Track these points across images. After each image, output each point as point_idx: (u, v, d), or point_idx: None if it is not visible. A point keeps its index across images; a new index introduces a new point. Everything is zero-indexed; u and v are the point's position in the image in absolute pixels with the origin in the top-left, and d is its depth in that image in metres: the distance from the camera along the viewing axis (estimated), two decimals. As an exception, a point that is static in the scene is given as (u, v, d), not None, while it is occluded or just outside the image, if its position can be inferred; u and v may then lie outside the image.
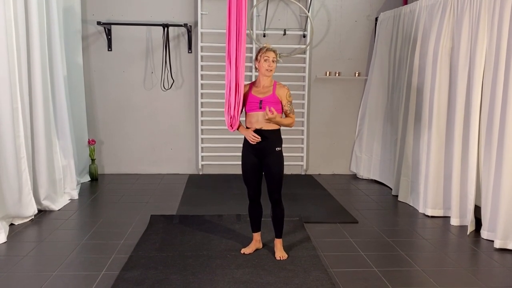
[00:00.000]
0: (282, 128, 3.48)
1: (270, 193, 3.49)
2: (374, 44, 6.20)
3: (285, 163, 3.51)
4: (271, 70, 3.40)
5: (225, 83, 3.49)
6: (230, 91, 3.43)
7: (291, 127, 3.52)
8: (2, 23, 3.86)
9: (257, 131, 3.40)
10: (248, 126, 3.45)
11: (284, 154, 3.50)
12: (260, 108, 3.37)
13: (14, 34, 4.04)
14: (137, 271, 3.24)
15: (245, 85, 3.50)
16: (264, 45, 3.43)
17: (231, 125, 3.49)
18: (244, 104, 3.48)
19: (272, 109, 3.29)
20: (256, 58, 3.43)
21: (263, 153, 3.43)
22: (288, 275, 3.23)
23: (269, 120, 3.33)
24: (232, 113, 3.45)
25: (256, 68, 3.46)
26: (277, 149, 3.45)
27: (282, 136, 3.48)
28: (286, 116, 3.49)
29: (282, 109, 3.44)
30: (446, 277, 3.28)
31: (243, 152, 3.53)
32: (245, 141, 3.50)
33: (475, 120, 4.14)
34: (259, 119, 3.39)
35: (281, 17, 6.28)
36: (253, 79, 5.60)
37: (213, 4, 6.13)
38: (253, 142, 3.37)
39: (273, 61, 3.39)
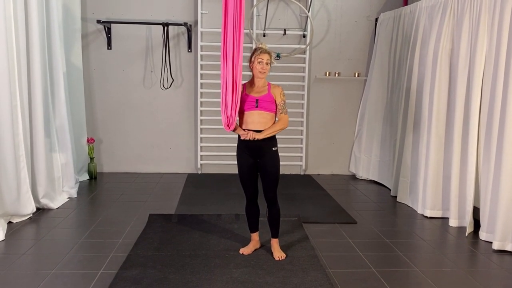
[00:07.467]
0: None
1: (265, 192, 3.49)
2: (374, 44, 6.20)
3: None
4: (264, 72, 3.37)
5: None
6: (226, 91, 3.37)
7: (285, 128, 3.48)
8: (2, 21, 3.85)
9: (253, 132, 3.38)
10: (243, 127, 3.42)
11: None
12: (257, 107, 3.35)
13: (13, 32, 4.03)
14: (136, 270, 3.24)
15: None
16: (259, 46, 3.39)
17: (228, 125, 3.43)
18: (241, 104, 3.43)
19: (250, 133, 3.32)
20: (250, 59, 3.40)
21: (259, 153, 3.42)
22: (286, 275, 3.23)
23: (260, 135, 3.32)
24: (229, 113, 3.39)
25: (250, 69, 3.45)
26: (273, 148, 3.44)
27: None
28: (278, 116, 3.45)
29: (276, 107, 3.43)
30: (444, 278, 3.29)
31: (238, 154, 3.50)
32: (240, 142, 3.48)
33: (474, 121, 4.14)
34: (255, 120, 3.38)
35: (281, 17, 6.28)
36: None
37: (213, 3, 6.12)
38: (249, 137, 3.34)
39: (266, 64, 3.35)
